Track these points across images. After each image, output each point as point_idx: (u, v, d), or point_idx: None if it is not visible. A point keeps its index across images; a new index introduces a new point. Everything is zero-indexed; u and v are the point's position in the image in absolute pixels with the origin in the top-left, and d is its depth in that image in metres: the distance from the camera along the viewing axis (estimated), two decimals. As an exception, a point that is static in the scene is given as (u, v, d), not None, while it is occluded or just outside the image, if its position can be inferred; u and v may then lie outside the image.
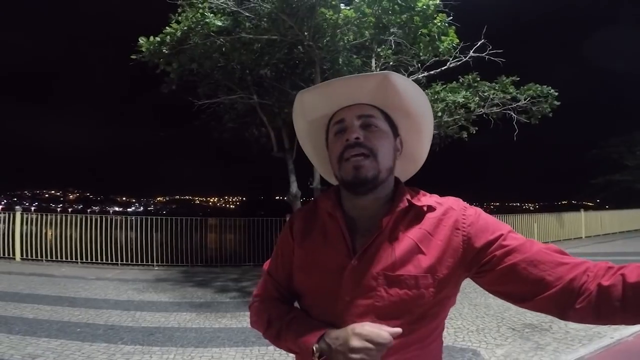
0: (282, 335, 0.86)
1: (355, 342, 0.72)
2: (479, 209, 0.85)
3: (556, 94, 7.72)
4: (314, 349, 0.77)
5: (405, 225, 0.83)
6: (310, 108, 0.94)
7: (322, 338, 0.77)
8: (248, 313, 1.00)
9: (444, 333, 0.90)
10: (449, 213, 0.83)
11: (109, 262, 8.20)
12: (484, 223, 0.81)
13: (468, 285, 0.84)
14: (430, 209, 0.84)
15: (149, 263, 8.33)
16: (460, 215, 0.82)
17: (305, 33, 6.37)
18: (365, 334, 0.72)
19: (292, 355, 0.89)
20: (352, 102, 0.88)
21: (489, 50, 7.31)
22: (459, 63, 7.59)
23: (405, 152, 0.95)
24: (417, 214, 0.84)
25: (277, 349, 0.90)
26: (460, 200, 0.88)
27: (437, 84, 8.33)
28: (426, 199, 0.87)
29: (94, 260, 8.17)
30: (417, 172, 1.04)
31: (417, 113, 0.91)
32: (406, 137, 0.94)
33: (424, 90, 0.93)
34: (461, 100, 7.70)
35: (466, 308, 5.03)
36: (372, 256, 0.81)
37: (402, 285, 0.78)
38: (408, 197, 0.86)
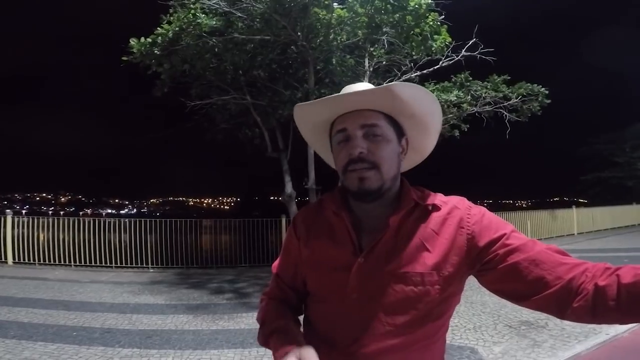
0: (268, 342, 0.89)
1: None
2: (483, 208, 0.86)
3: (546, 92, 7.82)
4: None
5: (411, 223, 0.85)
6: (310, 115, 0.94)
7: None
8: (245, 314, 1.02)
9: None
10: (454, 212, 0.85)
11: (103, 264, 8.12)
12: (488, 222, 0.83)
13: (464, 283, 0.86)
14: (436, 208, 0.86)
15: (144, 265, 8.26)
16: (464, 214, 0.84)
17: (299, 33, 6.37)
18: None
19: None
20: (353, 108, 0.86)
21: (481, 49, 7.37)
22: (451, 62, 7.63)
23: (412, 145, 0.95)
24: (422, 213, 0.86)
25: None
26: (465, 199, 0.90)
27: (429, 84, 8.38)
28: (431, 198, 0.88)
29: (87, 263, 8.08)
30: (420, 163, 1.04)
31: (422, 113, 0.90)
32: (412, 134, 0.94)
33: None
34: (454, 99, 7.76)
35: (463, 306, 5.07)
36: (378, 254, 0.83)
37: (409, 282, 0.80)
38: (414, 196, 0.87)
